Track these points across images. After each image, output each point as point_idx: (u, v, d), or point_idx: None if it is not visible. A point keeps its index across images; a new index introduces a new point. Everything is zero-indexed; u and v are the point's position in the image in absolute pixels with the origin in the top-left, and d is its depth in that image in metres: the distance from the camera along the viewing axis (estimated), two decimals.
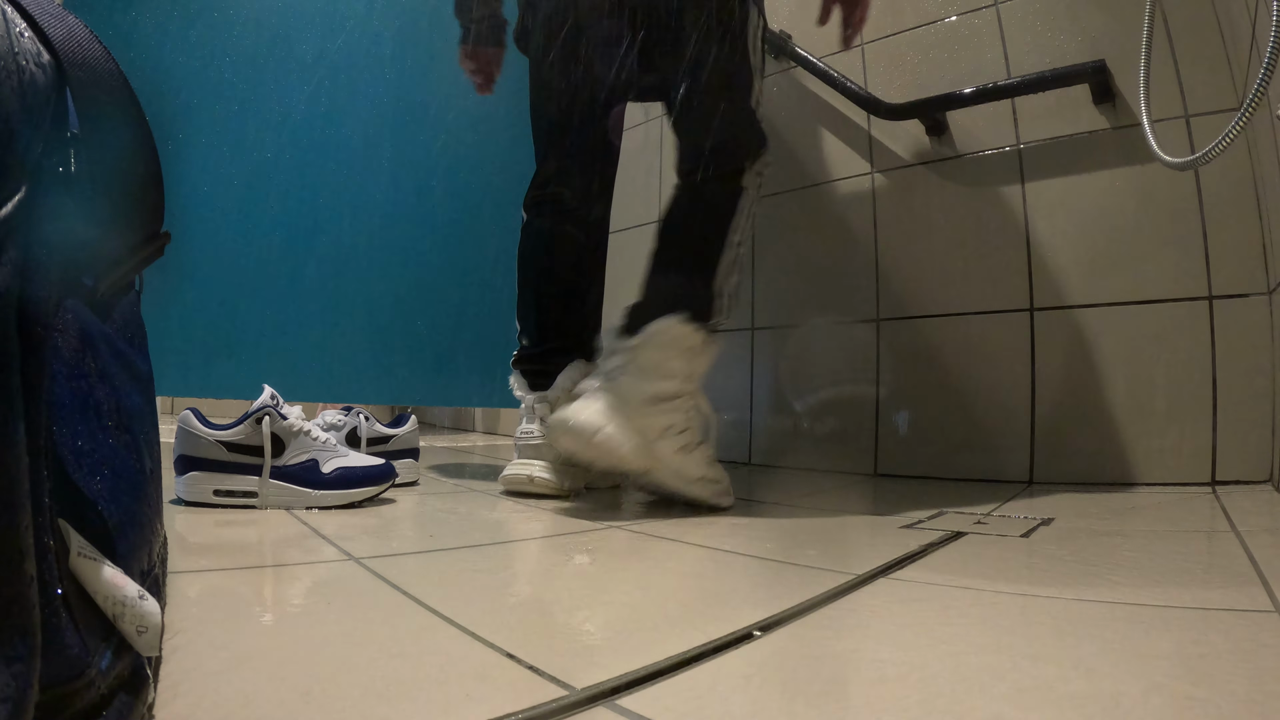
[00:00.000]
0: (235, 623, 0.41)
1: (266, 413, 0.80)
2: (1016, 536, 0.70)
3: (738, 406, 1.55)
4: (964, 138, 1.27)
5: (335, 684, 0.32)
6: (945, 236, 1.28)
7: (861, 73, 1.41)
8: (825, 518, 0.85)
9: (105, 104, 0.26)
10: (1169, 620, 0.42)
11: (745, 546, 0.66)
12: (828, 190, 1.45)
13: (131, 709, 0.24)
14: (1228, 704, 0.30)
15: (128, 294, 0.32)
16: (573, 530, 0.74)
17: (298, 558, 0.59)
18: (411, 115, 1.58)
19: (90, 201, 0.25)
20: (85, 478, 0.24)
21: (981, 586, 0.51)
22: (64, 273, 0.24)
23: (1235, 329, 1.02)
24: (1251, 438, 1.00)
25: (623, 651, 0.37)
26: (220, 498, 0.78)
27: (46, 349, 0.21)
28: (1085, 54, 1.14)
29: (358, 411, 1.09)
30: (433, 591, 0.48)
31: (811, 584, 0.52)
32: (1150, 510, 0.86)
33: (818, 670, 0.35)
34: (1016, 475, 1.17)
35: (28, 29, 0.22)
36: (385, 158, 1.53)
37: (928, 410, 1.27)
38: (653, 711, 0.30)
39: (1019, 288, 1.19)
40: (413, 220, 1.58)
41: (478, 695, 0.31)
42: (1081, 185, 1.15)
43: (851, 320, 1.38)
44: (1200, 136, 1.05)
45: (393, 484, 0.88)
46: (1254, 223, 1.02)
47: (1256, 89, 0.65)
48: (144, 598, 0.24)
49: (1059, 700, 0.31)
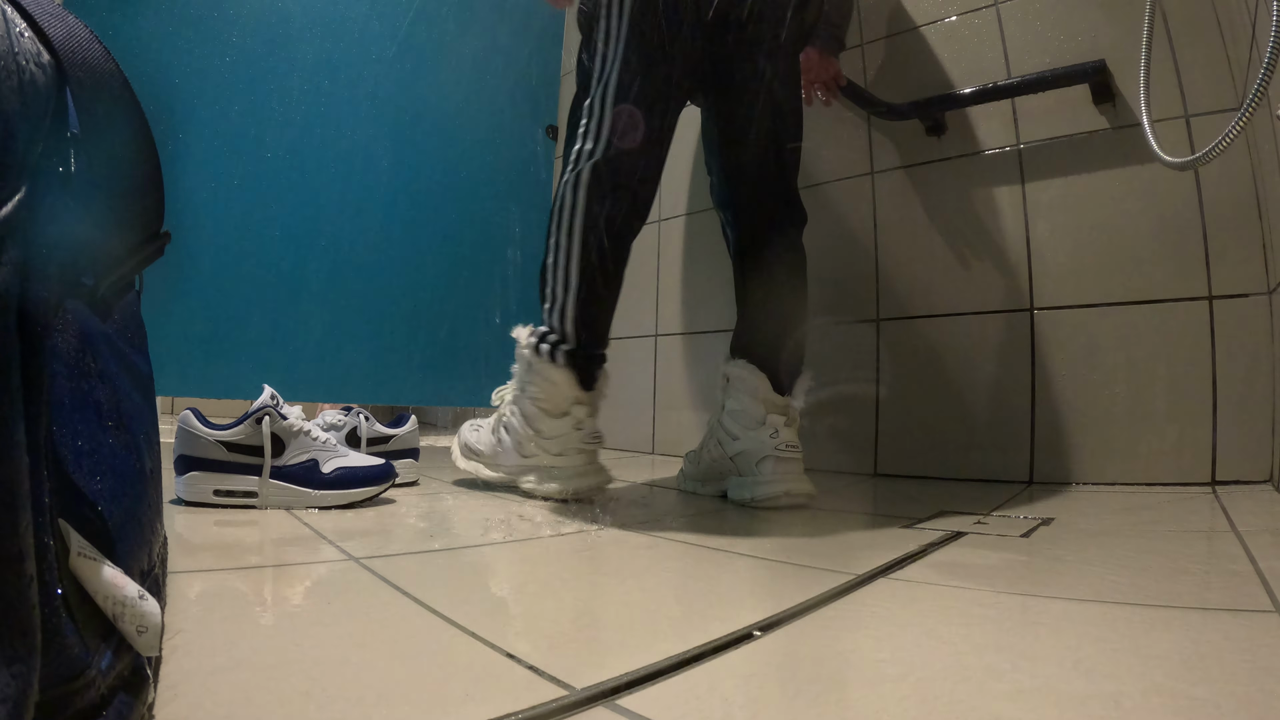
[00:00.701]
0: (235, 623, 0.41)
1: (266, 413, 0.80)
2: (1016, 536, 0.70)
3: None
4: (964, 138, 1.27)
5: (335, 684, 0.32)
6: (945, 237, 1.28)
7: (861, 73, 1.41)
8: (825, 518, 0.85)
9: (105, 104, 0.26)
10: (1169, 620, 0.42)
11: (745, 546, 0.66)
12: (828, 190, 1.45)
13: (131, 709, 0.24)
14: (1228, 704, 0.30)
15: (128, 294, 0.32)
16: (573, 530, 0.74)
17: (298, 558, 0.59)
18: (412, 116, 1.58)
19: (90, 201, 0.25)
20: (85, 478, 0.24)
21: (981, 586, 0.51)
22: (64, 273, 0.24)
23: (1235, 329, 1.02)
24: (1251, 438, 1.00)
25: (623, 651, 0.37)
26: (220, 498, 0.78)
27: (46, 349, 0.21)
28: (1085, 54, 1.14)
29: (358, 411, 1.09)
30: (432, 591, 0.48)
31: (811, 584, 0.52)
32: (1150, 510, 0.86)
33: (818, 670, 0.35)
34: (1016, 475, 1.17)
35: (28, 29, 0.22)
36: (385, 158, 1.53)
37: (928, 410, 1.27)
38: (653, 711, 0.30)
39: (1019, 288, 1.19)
40: (413, 220, 1.58)
41: (478, 695, 0.31)
42: (1081, 185, 1.15)
43: (851, 320, 1.38)
44: (1200, 136, 1.05)
45: (393, 484, 0.88)
46: (1254, 223, 1.02)
47: (1256, 89, 0.65)
48: (144, 598, 0.24)
49: (1059, 700, 0.31)
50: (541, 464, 0.95)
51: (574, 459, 0.94)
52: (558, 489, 0.91)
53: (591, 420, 0.96)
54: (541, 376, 0.96)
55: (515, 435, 0.98)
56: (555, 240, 0.98)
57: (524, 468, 0.97)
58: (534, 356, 0.98)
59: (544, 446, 0.95)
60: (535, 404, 0.96)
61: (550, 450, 0.95)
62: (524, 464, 0.97)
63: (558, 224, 0.97)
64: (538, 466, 0.95)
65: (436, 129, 1.63)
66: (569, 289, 0.96)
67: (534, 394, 0.97)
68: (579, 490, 0.92)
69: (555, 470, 0.93)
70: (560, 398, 0.95)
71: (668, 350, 1.72)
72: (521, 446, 0.97)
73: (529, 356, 0.98)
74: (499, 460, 1.00)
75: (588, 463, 0.95)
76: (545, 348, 0.96)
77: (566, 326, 0.96)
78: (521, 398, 0.99)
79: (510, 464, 0.99)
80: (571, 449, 0.94)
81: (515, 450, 0.98)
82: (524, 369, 1.00)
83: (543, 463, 0.95)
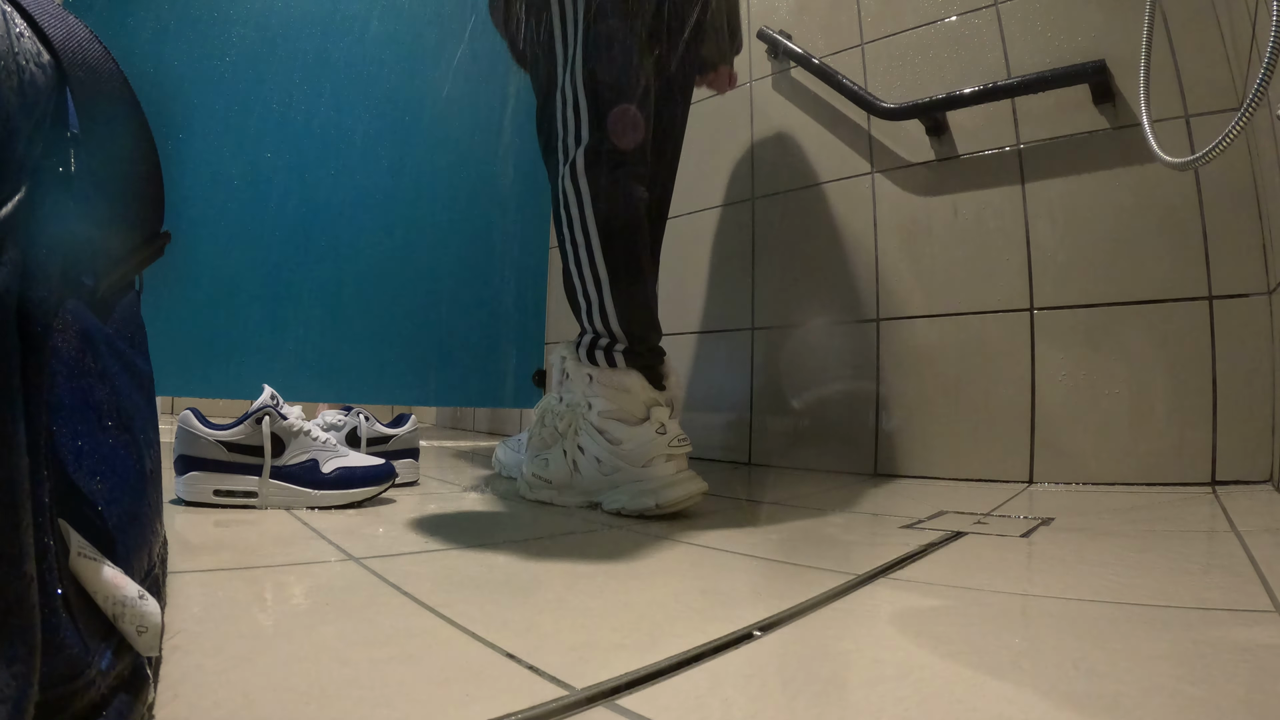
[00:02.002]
0: (235, 623, 0.41)
1: (266, 413, 0.80)
2: (1016, 536, 0.70)
3: (738, 406, 1.55)
4: (964, 138, 1.27)
5: (335, 684, 0.32)
6: (945, 236, 1.28)
7: (861, 73, 1.41)
8: (825, 518, 0.85)
9: (105, 104, 0.26)
10: (1169, 620, 0.42)
11: (745, 546, 0.66)
12: (828, 190, 1.45)
13: (131, 709, 0.24)
14: (1228, 704, 0.30)
15: (128, 294, 0.32)
16: (572, 530, 0.74)
17: (298, 558, 0.59)
18: (412, 115, 1.58)
19: (90, 201, 0.25)
20: (85, 478, 0.24)
21: (981, 586, 0.51)
22: (64, 273, 0.24)
23: (1235, 329, 1.02)
24: (1251, 438, 1.00)
25: (622, 651, 0.37)
26: (220, 498, 0.78)
27: (46, 349, 0.21)
28: (1085, 54, 1.14)
29: (358, 411, 1.09)
30: (432, 591, 0.48)
31: (811, 584, 0.52)
32: (1150, 510, 0.86)
33: (818, 670, 0.35)
34: (1016, 475, 1.17)
35: (28, 29, 0.22)
36: (385, 158, 1.53)
37: (928, 410, 1.27)
38: (653, 711, 0.30)
39: (1019, 288, 1.19)
40: (413, 220, 1.58)
41: (478, 695, 0.31)
42: (1081, 185, 1.15)
43: (851, 320, 1.38)
44: (1200, 136, 1.05)
45: (393, 484, 0.88)
46: (1254, 223, 1.02)
47: (1256, 89, 0.65)
48: (144, 598, 0.24)
49: (1059, 700, 0.31)
50: (628, 479, 0.86)
51: (663, 468, 0.85)
52: (654, 504, 0.82)
53: (674, 423, 0.88)
54: (607, 385, 0.88)
55: (592, 453, 0.89)
56: (570, 240, 0.92)
57: (607, 485, 0.88)
58: (591, 367, 0.90)
59: (627, 458, 0.86)
60: (607, 418, 0.88)
61: (636, 462, 0.85)
62: (606, 481, 0.88)
63: (568, 222, 0.91)
64: (623, 482, 0.86)
65: (437, 129, 1.63)
66: (600, 285, 0.90)
67: (603, 408, 0.88)
68: (676, 501, 0.83)
69: (644, 484, 0.84)
70: (635, 403, 0.87)
71: (668, 350, 1.72)
72: (601, 465, 0.88)
73: (585, 369, 0.91)
74: (577, 484, 0.91)
75: (678, 470, 0.85)
76: (600, 354, 0.90)
77: (612, 325, 0.90)
78: (590, 413, 0.90)
79: (591, 486, 0.89)
80: (659, 457, 0.85)
81: (595, 470, 0.89)
82: (584, 384, 0.92)
83: (629, 477, 0.86)
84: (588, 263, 0.90)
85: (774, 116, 1.56)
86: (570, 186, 0.91)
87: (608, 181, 0.89)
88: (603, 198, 0.89)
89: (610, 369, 0.89)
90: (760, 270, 1.54)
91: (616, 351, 0.89)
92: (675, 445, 0.86)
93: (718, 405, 1.60)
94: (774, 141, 1.55)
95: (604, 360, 0.90)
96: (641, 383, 0.87)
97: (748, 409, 1.54)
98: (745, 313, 1.56)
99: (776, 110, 1.55)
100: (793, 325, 1.48)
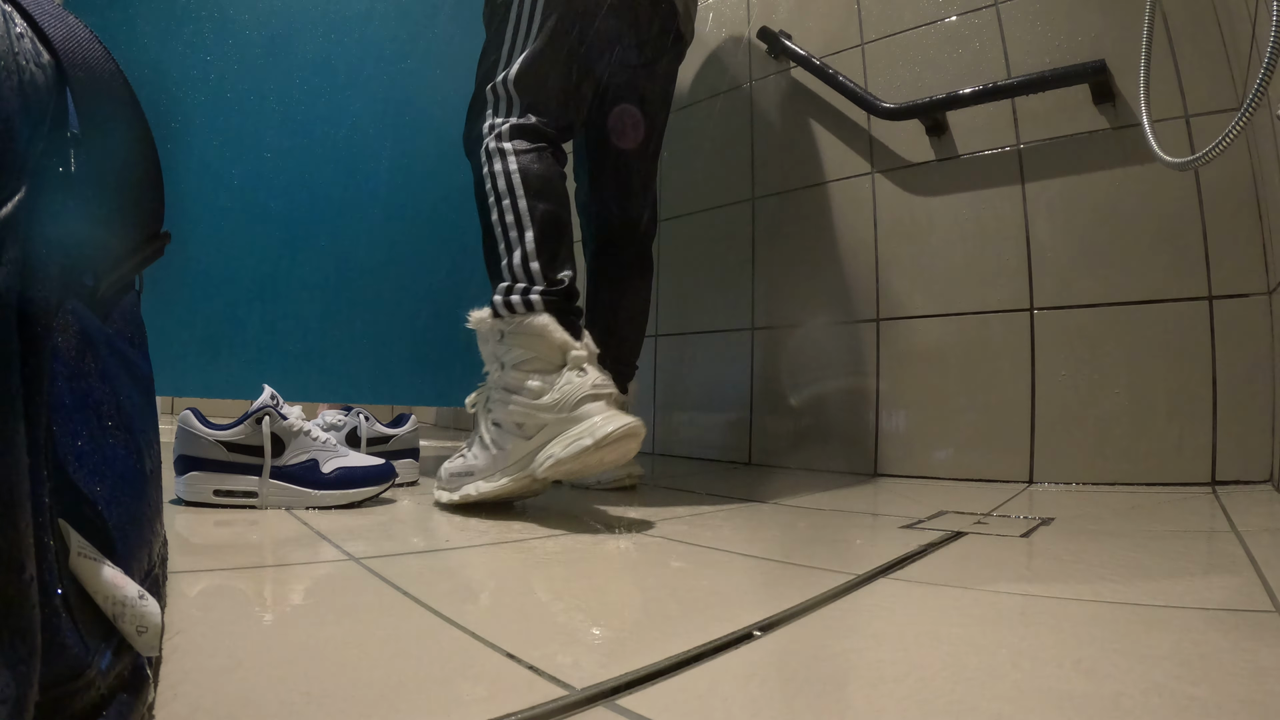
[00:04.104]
0: (235, 623, 0.41)
1: (266, 413, 0.80)
2: (1016, 536, 0.70)
3: (738, 406, 1.55)
4: (964, 138, 1.27)
5: (335, 684, 0.32)
6: (945, 236, 1.28)
7: (861, 73, 1.41)
8: (825, 518, 0.85)
9: (105, 104, 0.26)
10: (1169, 620, 0.42)
11: (745, 546, 0.66)
12: (828, 190, 1.45)
13: (131, 709, 0.24)
14: (1228, 704, 0.30)
15: (128, 294, 0.32)
16: (572, 530, 0.74)
17: (298, 558, 0.59)
18: (412, 115, 1.58)
19: (90, 201, 0.25)
20: (85, 478, 0.24)
21: (982, 586, 0.51)
22: (64, 273, 0.24)
23: (1235, 329, 1.02)
24: (1251, 438, 1.00)
25: (623, 651, 0.37)
26: (220, 498, 0.78)
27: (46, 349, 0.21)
28: (1085, 54, 1.14)
29: (358, 411, 1.09)
30: (433, 591, 0.48)
31: (811, 584, 0.52)
32: (1150, 510, 0.86)
33: (818, 670, 0.35)
34: (1016, 475, 1.17)
35: (28, 29, 0.22)
36: (385, 158, 1.53)
37: (928, 410, 1.27)
38: (653, 711, 0.30)
39: (1019, 288, 1.19)
40: (413, 220, 1.58)
41: (478, 695, 0.31)
42: (1081, 185, 1.15)
43: (851, 320, 1.38)
44: (1200, 136, 1.05)
45: (393, 484, 0.88)
46: (1254, 223, 1.02)
47: (1256, 89, 0.65)
48: (144, 598, 0.24)
49: (1059, 700, 0.31)
50: (556, 432, 0.79)
51: (593, 406, 0.78)
52: (590, 442, 0.75)
53: (595, 368, 0.82)
54: (520, 333, 0.84)
55: (510, 421, 0.84)
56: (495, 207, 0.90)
57: (535, 449, 0.81)
58: (503, 323, 0.86)
59: (552, 409, 0.79)
60: (522, 370, 0.83)
61: (563, 409, 0.79)
62: (534, 444, 0.81)
63: (493, 189, 0.90)
64: (552, 437, 0.79)
65: (438, 128, 1.63)
66: (523, 235, 0.87)
67: (517, 358, 0.84)
68: (614, 434, 0.76)
69: (576, 429, 0.77)
70: (550, 347, 0.82)
71: (668, 350, 1.72)
72: (523, 428, 0.82)
73: (497, 328, 0.87)
74: (500, 462, 0.84)
75: (606, 408, 0.79)
76: (515, 299, 0.85)
77: (531, 266, 0.86)
78: (503, 375, 0.85)
79: (518, 455, 0.82)
80: (586, 397, 0.79)
81: (517, 436, 0.82)
82: (495, 342, 0.87)
83: (557, 430, 0.79)
84: (513, 223, 0.89)
85: (774, 117, 1.56)
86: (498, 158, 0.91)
87: (531, 154, 0.91)
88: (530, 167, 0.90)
89: (525, 315, 0.85)
90: (760, 270, 1.54)
91: (533, 294, 0.85)
92: (599, 386, 0.80)
93: (718, 405, 1.60)
94: (774, 142, 1.55)
95: (520, 306, 0.85)
96: (555, 324, 0.83)
97: (748, 409, 1.54)
98: (745, 313, 1.56)
99: (776, 110, 1.55)
100: (793, 325, 1.48)
